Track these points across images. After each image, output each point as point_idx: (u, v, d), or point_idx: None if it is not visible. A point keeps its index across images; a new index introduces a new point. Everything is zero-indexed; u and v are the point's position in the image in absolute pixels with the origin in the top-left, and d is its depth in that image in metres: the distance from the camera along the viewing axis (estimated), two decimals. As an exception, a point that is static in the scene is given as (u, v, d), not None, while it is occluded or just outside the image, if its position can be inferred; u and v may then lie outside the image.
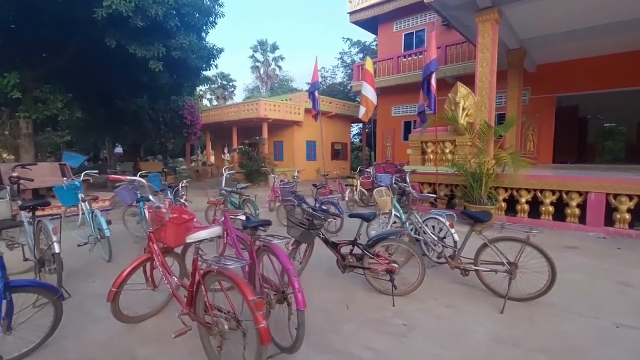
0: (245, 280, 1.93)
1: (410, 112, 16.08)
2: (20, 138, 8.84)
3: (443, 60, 14.41)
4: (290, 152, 18.80)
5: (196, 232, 2.13)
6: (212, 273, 2.07)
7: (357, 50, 30.53)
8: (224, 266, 1.91)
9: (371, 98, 7.53)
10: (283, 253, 2.27)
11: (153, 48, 8.01)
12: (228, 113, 18.14)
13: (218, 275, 1.99)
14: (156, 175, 6.30)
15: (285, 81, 39.90)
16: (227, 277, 1.91)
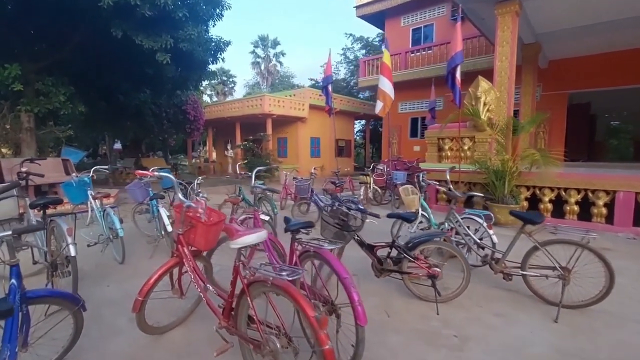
0: (304, 294, 1.68)
1: (417, 109, 15.83)
2: (21, 132, 8.53)
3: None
4: (295, 149, 18.52)
5: (242, 237, 1.87)
6: (259, 284, 1.81)
7: (360, 46, 30.19)
8: (278, 277, 1.65)
9: (389, 92, 7.26)
10: (337, 260, 2.02)
11: (160, 39, 7.69)
12: (231, 109, 17.81)
13: (270, 287, 1.74)
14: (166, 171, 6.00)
15: (286, 77, 39.53)
16: (282, 290, 1.66)
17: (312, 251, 2.11)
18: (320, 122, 19.10)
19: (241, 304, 1.94)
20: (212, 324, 2.71)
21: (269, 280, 1.66)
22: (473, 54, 13.70)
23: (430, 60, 14.60)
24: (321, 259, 2.07)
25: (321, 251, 2.07)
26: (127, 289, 3.53)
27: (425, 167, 7.99)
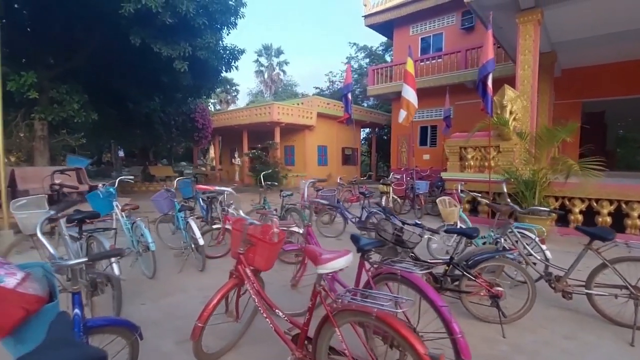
0: (412, 328, 1.51)
1: (427, 117, 15.76)
2: (34, 141, 8.37)
3: (463, 64, 14.14)
4: (302, 157, 18.39)
5: (331, 261, 1.69)
6: (349, 312, 1.63)
7: (364, 55, 30.34)
8: (381, 308, 1.48)
9: (412, 101, 7.15)
10: (429, 286, 1.84)
11: (179, 47, 7.60)
12: (239, 117, 17.73)
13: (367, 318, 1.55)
14: (186, 181, 5.86)
15: (289, 86, 39.62)
16: (385, 323, 1.48)
17: (400, 275, 1.92)
18: (327, 130, 19.04)
19: (322, 333, 1.76)
20: (267, 348, 2.55)
21: (373, 312, 1.48)
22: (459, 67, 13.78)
23: (440, 69, 14.58)
24: (409, 284, 1.89)
25: (410, 276, 1.88)
26: (163, 307, 3.34)
27: (447, 177, 7.86)
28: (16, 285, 1.32)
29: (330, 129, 19.19)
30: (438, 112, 15.07)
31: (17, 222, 3.27)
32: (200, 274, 4.22)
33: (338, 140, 19.94)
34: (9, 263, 1.40)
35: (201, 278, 4.10)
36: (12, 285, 1.31)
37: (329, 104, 19.02)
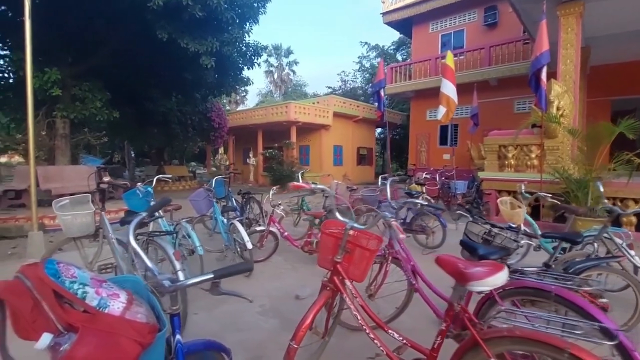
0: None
1: (447, 116, 15.36)
2: (56, 139, 8.17)
3: (487, 61, 13.75)
4: (318, 157, 18.09)
5: (487, 276, 1.38)
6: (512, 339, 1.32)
7: (375, 54, 29.98)
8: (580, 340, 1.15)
9: (452, 96, 6.81)
10: (595, 308, 1.51)
11: (206, 42, 7.35)
12: (254, 116, 17.49)
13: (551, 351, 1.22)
14: (220, 180, 5.57)
15: (299, 86, 39.39)
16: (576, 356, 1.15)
17: (554, 293, 1.58)
18: (343, 130, 18.73)
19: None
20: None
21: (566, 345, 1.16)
22: (509, 60, 13.25)
23: (462, 66, 14.17)
24: (566, 304, 1.55)
25: (569, 295, 1.54)
26: (219, 317, 3.05)
27: (485, 177, 7.50)
28: (123, 311, 1.02)
29: (345, 128, 18.88)
30: (460, 110, 14.61)
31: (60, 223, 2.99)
32: (247, 280, 3.93)
33: (353, 140, 19.61)
34: (105, 280, 1.10)
35: (250, 284, 3.80)
36: (119, 312, 1.01)
37: (345, 103, 18.71)
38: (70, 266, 1.05)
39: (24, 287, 0.91)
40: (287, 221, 5.65)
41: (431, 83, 14.93)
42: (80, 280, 1.01)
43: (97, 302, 0.99)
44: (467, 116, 13.12)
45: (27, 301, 0.89)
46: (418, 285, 2.47)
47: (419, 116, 16.26)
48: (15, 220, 6.77)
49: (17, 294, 0.90)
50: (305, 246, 4.28)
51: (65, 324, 0.91)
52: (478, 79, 13.55)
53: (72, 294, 0.94)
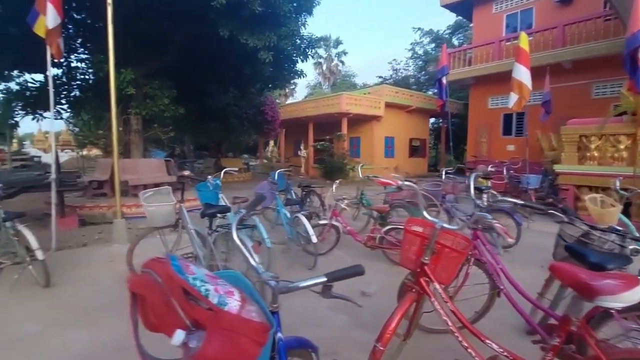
0: None
1: (512, 104, 14.15)
2: (131, 134, 8.94)
3: (560, 42, 12.39)
4: (369, 149, 17.81)
5: (624, 290, 1.20)
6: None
7: (429, 39, 28.56)
8: None
9: (526, 82, 6.21)
10: None
11: (264, 37, 7.50)
12: (306, 108, 17.65)
13: None
14: (281, 173, 5.67)
15: (348, 76, 38.95)
16: None
17: None
18: (394, 120, 18.19)
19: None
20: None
21: None
22: (587, 40, 11.81)
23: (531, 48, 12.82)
24: None
25: None
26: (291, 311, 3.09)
27: (562, 170, 6.80)
28: (240, 310, 1.02)
29: (397, 119, 18.32)
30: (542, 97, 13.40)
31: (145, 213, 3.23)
32: (312, 272, 3.96)
33: (406, 131, 18.99)
34: (217, 277, 1.12)
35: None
36: (237, 310, 1.02)
37: (398, 92, 18.12)
38: (188, 262, 1.08)
39: (155, 282, 0.94)
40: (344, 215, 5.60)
41: (493, 68, 13.87)
42: (199, 277, 1.03)
43: (217, 300, 1.00)
44: (535, 103, 11.97)
45: (159, 297, 0.92)
46: (506, 290, 2.28)
47: (480, 104, 15.21)
48: (99, 208, 7.51)
49: (150, 289, 0.93)
50: (368, 241, 4.21)
51: (193, 321, 0.93)
52: (549, 62, 12.23)
53: (198, 291, 0.96)
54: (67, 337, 2.60)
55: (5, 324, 2.77)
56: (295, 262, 4.21)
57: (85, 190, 8.48)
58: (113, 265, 4.20)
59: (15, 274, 3.53)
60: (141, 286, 0.94)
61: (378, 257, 4.36)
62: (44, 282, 3.45)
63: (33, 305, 3.13)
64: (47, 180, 5.43)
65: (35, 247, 3.32)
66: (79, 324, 2.79)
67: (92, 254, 4.73)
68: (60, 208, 6.08)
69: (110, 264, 4.30)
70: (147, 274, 0.97)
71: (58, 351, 2.43)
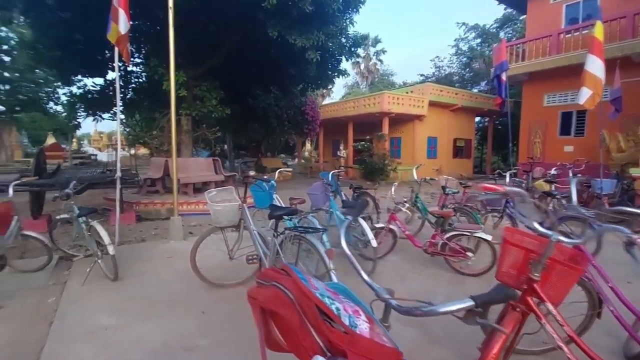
0: None
1: (571, 101, 13.06)
2: (181, 134, 9.29)
3: (630, 32, 11.26)
4: (410, 149, 17.29)
5: None
6: None
7: (475, 34, 27.25)
8: None
9: (599, 76, 5.63)
10: None
11: (312, 36, 7.46)
12: (345, 108, 17.48)
13: None
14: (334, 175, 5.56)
15: (386, 75, 38.26)
16: None
17: None
18: (438, 120, 17.51)
19: None
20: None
21: None
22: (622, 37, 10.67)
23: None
24: None
25: None
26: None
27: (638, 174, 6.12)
28: (371, 333, 0.90)
29: (441, 118, 17.63)
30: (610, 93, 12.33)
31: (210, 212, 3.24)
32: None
33: (449, 131, 18.24)
34: (335, 291, 1.00)
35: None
36: (368, 333, 0.90)
37: (442, 90, 17.43)
38: (307, 274, 0.98)
39: (287, 299, 0.84)
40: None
41: (551, 63, 12.91)
42: (324, 292, 0.93)
43: (348, 321, 0.89)
44: (603, 100, 10.95)
45: (293, 315, 0.82)
46: (618, 313, 1.99)
47: (534, 102, 14.21)
48: (153, 205, 7.84)
49: (284, 306, 0.83)
50: (429, 247, 3.98)
51: (329, 346, 0.82)
52: (616, 55, 11.15)
53: (332, 311, 0.85)
54: (139, 331, 2.65)
55: (82, 316, 2.89)
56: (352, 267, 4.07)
57: (141, 187, 8.91)
58: (172, 262, 4.31)
59: (87, 267, 3.71)
60: (273, 302, 0.84)
61: (439, 264, 4.12)
62: (113, 276, 3.59)
63: (105, 298, 3.25)
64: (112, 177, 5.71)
65: (107, 242, 3.45)
66: (148, 319, 2.85)
67: (152, 250, 4.90)
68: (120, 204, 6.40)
69: (169, 259, 4.41)
70: (274, 287, 0.88)
71: (133, 345, 2.48)
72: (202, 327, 2.73)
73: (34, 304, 3.17)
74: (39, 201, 6.02)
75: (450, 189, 4.92)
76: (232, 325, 2.74)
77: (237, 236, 3.45)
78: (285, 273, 0.93)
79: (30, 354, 2.36)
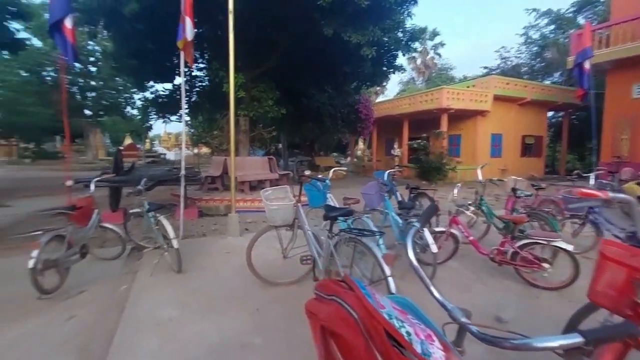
0: None
1: (671, 91, 11.19)
2: (239, 134, 9.70)
3: None
4: (470, 147, 16.19)
5: None
6: None
7: (548, 21, 24.68)
8: None
9: None
10: None
11: (368, 32, 7.28)
12: (400, 105, 16.92)
13: None
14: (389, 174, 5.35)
15: (445, 70, 36.40)
16: None
17: None
18: (503, 115, 16.17)
19: None
20: None
21: None
22: None
23: None
24: None
25: None
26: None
27: None
28: (447, 361, 0.76)
29: (507, 113, 16.25)
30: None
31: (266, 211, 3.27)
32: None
33: (517, 127, 16.74)
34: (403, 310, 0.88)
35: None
36: (446, 364, 0.76)
37: (509, 83, 16.05)
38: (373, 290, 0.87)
39: (350, 318, 0.74)
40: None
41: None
42: (391, 312, 0.81)
43: (421, 348, 0.76)
44: None
45: (358, 339, 0.72)
46: None
47: (620, 94, 12.43)
48: (213, 201, 8.26)
49: (347, 327, 0.73)
50: (496, 255, 3.62)
51: (399, 377, 0.71)
52: None
53: (403, 337, 0.73)
54: (199, 326, 2.75)
55: (150, 306, 3.08)
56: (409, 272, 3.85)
57: (202, 184, 9.47)
58: (230, 257, 4.46)
59: (155, 258, 3.99)
60: (335, 322, 0.74)
61: (507, 274, 3.73)
62: (177, 268, 3.80)
63: (169, 290, 3.45)
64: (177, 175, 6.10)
65: (172, 236, 3.67)
66: (207, 314, 2.95)
67: (211, 245, 5.13)
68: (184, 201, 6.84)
69: (227, 255, 4.58)
70: (335, 304, 0.78)
71: (193, 339, 2.57)
72: (257, 325, 2.75)
73: (109, 291, 3.47)
74: (116, 196, 6.66)
75: (522, 191, 4.43)
76: (285, 325, 2.72)
77: (291, 235, 3.44)
78: (347, 286, 0.83)
79: (103, 340, 2.56)
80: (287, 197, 3.29)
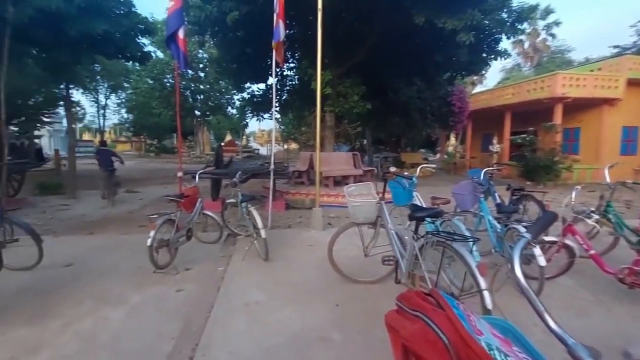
0: None
1: None
2: (325, 130, 9.90)
3: None
4: (593, 143, 13.61)
5: None
6: None
7: None
8: None
9: None
10: None
11: (465, 16, 6.63)
12: (502, 96, 15.14)
13: None
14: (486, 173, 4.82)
15: (559, 53, 31.29)
16: None
17: None
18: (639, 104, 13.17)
19: None
20: None
21: None
22: None
23: None
24: None
25: None
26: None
27: None
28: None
29: (644, 102, 13.21)
30: None
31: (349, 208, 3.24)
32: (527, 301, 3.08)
33: (663, 118, 13.49)
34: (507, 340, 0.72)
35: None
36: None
37: (648, 64, 13.01)
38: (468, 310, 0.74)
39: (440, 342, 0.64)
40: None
41: None
42: (490, 339, 0.67)
43: (527, 389, 0.61)
44: None
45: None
46: None
47: None
48: (299, 195, 8.61)
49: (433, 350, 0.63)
50: (627, 275, 2.94)
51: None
52: None
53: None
54: (283, 313, 2.87)
55: (241, 290, 3.34)
56: (506, 284, 3.40)
57: (290, 178, 9.96)
58: (313, 250, 4.58)
59: (246, 245, 4.33)
60: (420, 343, 0.65)
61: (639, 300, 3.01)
62: (264, 256, 4.06)
63: (258, 275, 3.70)
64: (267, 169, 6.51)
65: (261, 226, 3.92)
66: (290, 303, 3.06)
67: (296, 236, 5.35)
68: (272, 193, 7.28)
69: (310, 248, 4.71)
70: (421, 322, 0.68)
71: (277, 325, 2.69)
72: (336, 321, 2.75)
73: (210, 271, 3.87)
74: (217, 187, 7.45)
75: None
76: (364, 325, 2.67)
77: (373, 233, 3.35)
78: (436, 302, 0.72)
79: (204, 312, 2.87)
80: (370, 194, 3.20)
